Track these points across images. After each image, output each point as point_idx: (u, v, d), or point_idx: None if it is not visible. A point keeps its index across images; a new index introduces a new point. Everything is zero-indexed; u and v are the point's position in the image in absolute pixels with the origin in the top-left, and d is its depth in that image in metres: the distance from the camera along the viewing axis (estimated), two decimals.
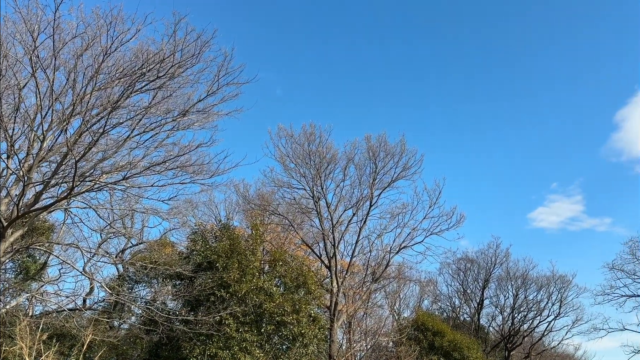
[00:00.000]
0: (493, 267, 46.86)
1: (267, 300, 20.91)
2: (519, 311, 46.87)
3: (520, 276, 46.41)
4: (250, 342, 20.27)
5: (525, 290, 46.48)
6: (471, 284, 48.33)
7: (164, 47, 16.59)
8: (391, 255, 29.47)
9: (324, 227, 27.17)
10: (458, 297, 49.50)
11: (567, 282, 45.78)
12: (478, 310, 47.24)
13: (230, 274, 20.54)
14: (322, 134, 27.51)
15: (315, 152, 27.18)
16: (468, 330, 43.77)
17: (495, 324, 49.12)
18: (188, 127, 18.61)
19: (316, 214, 27.58)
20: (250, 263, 21.37)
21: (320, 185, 27.54)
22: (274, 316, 20.97)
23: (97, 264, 24.83)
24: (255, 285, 20.95)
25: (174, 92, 17.71)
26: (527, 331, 47.52)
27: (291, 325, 21.05)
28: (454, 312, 48.79)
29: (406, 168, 28.63)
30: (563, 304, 45.69)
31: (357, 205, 28.65)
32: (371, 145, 28.64)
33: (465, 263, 48.58)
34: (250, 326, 20.70)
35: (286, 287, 22.72)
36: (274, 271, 22.70)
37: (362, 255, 31.86)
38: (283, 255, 23.51)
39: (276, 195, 28.39)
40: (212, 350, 19.86)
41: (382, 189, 28.65)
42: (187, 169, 17.97)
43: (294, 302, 21.48)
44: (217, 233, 23.46)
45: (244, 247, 22.13)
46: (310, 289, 22.84)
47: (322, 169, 27.38)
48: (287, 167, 27.19)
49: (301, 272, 23.11)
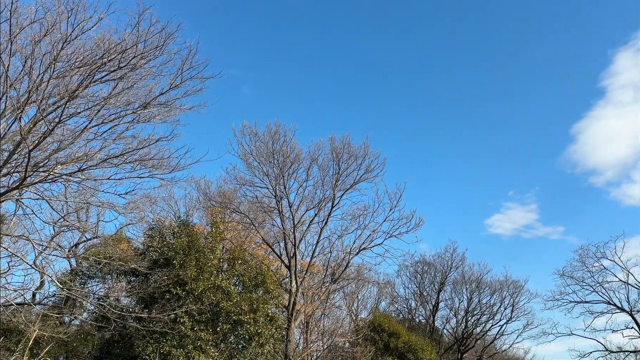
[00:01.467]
0: (449, 270, 47.90)
1: (224, 299, 20.69)
2: (473, 314, 48.04)
3: (475, 280, 47.60)
4: (205, 341, 20.02)
5: (479, 294, 47.72)
6: (428, 286, 49.25)
7: (127, 38, 16.21)
8: (351, 256, 29.66)
9: (285, 227, 27.08)
10: (415, 299, 50.35)
11: (520, 287, 47.25)
12: (433, 312, 48.14)
13: (187, 271, 20.23)
14: (286, 133, 27.43)
15: (280, 151, 27.06)
16: (423, 332, 44.56)
17: (450, 327, 50.22)
18: (149, 120, 18.23)
19: (278, 214, 27.45)
20: (209, 261, 21.10)
21: (283, 185, 27.44)
22: (230, 315, 20.77)
23: (48, 258, 24.04)
24: (212, 284, 20.71)
25: (135, 83, 17.34)
26: (480, 334, 48.76)
27: (248, 324, 20.91)
28: (410, 314, 49.57)
29: (369, 170, 28.87)
30: (515, 308, 47.11)
31: (319, 206, 28.70)
32: (335, 147, 28.75)
33: (422, 266, 49.47)
34: (206, 325, 20.45)
35: (244, 286, 22.54)
36: (232, 270, 22.49)
37: (323, 255, 31.92)
38: (242, 253, 23.32)
39: (238, 193, 28.12)
40: (165, 348, 19.52)
41: (344, 190, 28.79)
42: (145, 163, 17.58)
43: (252, 302, 21.33)
44: (175, 230, 23.06)
45: (203, 244, 21.84)
46: (269, 289, 22.74)
47: (285, 168, 27.29)
48: (250, 165, 26.97)
49: (260, 271, 22.97)
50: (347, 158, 28.72)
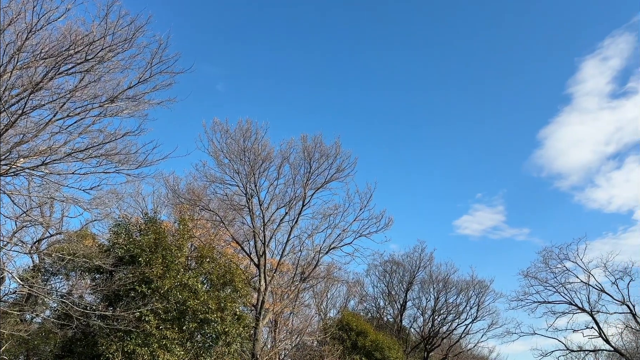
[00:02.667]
0: (417, 270, 48.54)
1: (191, 297, 20.46)
2: (439, 313, 48.78)
3: (442, 280, 48.35)
4: (170, 340, 19.76)
5: (446, 294, 48.48)
6: (396, 285, 49.80)
7: (95, 30, 15.88)
8: (321, 255, 29.77)
9: (255, 225, 26.97)
10: (383, 298, 50.85)
11: (485, 287, 48.23)
12: (401, 311, 48.71)
13: (153, 269, 19.92)
14: (258, 130, 27.32)
15: (251, 149, 26.91)
16: (391, 330, 45.02)
17: (417, 325, 50.89)
18: (116, 114, 17.88)
19: (248, 212, 27.32)
20: (176, 259, 20.82)
21: (254, 183, 27.31)
22: (197, 314, 20.55)
23: (9, 253, 23.28)
24: (179, 282, 20.45)
25: (102, 76, 16.98)
26: (446, 333, 49.55)
27: (215, 323, 20.71)
28: (379, 313, 50.01)
29: (340, 170, 29.01)
30: (480, 308, 48.07)
31: (290, 205, 28.69)
32: (307, 146, 28.77)
33: (391, 265, 49.98)
34: (171, 323, 20.18)
35: (212, 284, 22.33)
36: (200, 268, 22.25)
37: (293, 254, 31.94)
38: (211, 251, 23.10)
39: (208, 191, 27.84)
40: (129, 347, 19.19)
41: (315, 189, 28.85)
42: (112, 158, 17.23)
43: (220, 300, 21.15)
44: (142, 226, 22.67)
45: (170, 242, 21.53)
46: (237, 287, 22.59)
47: (256, 166, 27.15)
48: (220, 162, 26.76)
49: (229, 269, 22.80)
50: (318, 157, 28.80)
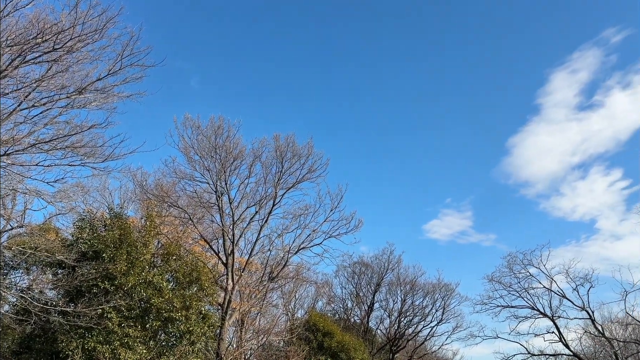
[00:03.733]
0: (385, 272, 48.93)
1: (155, 295, 20.10)
2: (406, 315, 49.27)
3: (409, 282, 48.86)
4: (133, 338, 19.38)
5: (413, 296, 49.01)
6: (364, 287, 50.07)
7: (64, 19, 15.48)
8: (290, 255, 29.65)
9: (224, 224, 26.69)
10: (351, 299, 51.04)
11: (451, 290, 48.94)
12: (368, 313, 49.00)
13: (117, 265, 19.49)
14: (230, 128, 27.02)
15: (222, 147, 26.61)
16: (357, 332, 45.22)
17: (383, 327, 51.26)
18: (84, 106, 17.47)
19: (217, 210, 27.02)
20: (141, 255, 20.43)
21: (225, 181, 27.02)
22: (161, 312, 20.21)
23: None
24: (143, 279, 20.07)
25: (70, 67, 16.56)
26: (412, 335, 50.09)
27: (179, 322, 20.42)
28: (346, 314, 50.19)
29: (312, 170, 28.94)
30: (446, 310, 48.72)
31: (260, 204, 28.48)
32: (279, 145, 28.62)
33: (360, 267, 50.24)
34: (134, 321, 19.79)
35: (178, 282, 22.00)
36: (166, 265, 21.89)
37: (262, 254, 31.76)
38: (178, 249, 22.75)
39: (177, 187, 27.44)
40: (90, 344, 18.74)
41: (286, 189, 28.72)
42: (77, 150, 16.82)
43: (185, 298, 20.85)
44: (107, 222, 22.19)
45: (136, 238, 21.13)
46: (204, 286, 22.30)
47: (227, 164, 26.87)
48: (191, 158, 26.35)
49: (195, 267, 22.49)
50: (290, 157, 28.68)
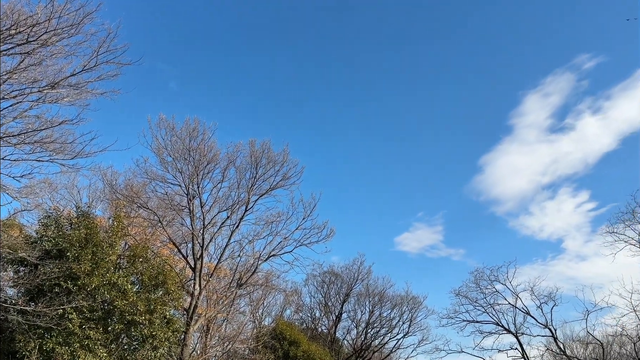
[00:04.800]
0: (355, 282, 48.96)
1: (119, 297, 19.67)
2: (373, 327, 49.32)
3: (378, 293, 49.00)
4: (94, 340, 18.90)
5: (381, 307, 49.11)
6: (333, 297, 49.99)
7: (40, 11, 15.21)
8: (260, 262, 29.40)
9: (194, 227, 26.35)
10: (319, 308, 50.89)
11: (419, 303, 49.22)
12: (336, 323, 48.89)
13: (81, 265, 19.03)
14: (205, 131, 26.77)
15: (196, 149, 26.34)
16: (324, 341, 45.09)
17: (350, 338, 51.17)
18: (56, 101, 17.13)
19: (188, 213, 26.67)
20: (106, 256, 19.99)
21: (197, 184, 26.71)
22: (124, 315, 19.77)
23: None
24: (108, 280, 19.62)
25: (44, 60, 16.25)
26: (378, 347, 50.12)
27: (142, 325, 20.00)
28: (314, 324, 50.00)
29: (286, 178, 28.84)
30: (412, 323, 48.88)
31: (233, 209, 28.21)
32: (255, 151, 28.47)
33: (330, 276, 50.20)
34: (96, 323, 19.32)
35: (143, 285, 21.57)
36: (132, 267, 21.46)
37: (231, 259, 31.42)
38: (145, 251, 22.34)
39: (147, 188, 26.95)
40: (49, 345, 18.22)
41: (259, 195, 28.53)
42: (47, 146, 16.47)
43: (149, 302, 20.45)
44: (74, 220, 21.67)
45: (102, 238, 20.68)
46: (170, 290, 21.92)
47: (201, 167, 26.60)
48: (163, 160, 25.97)
49: (162, 271, 22.10)
50: (265, 163, 28.55)
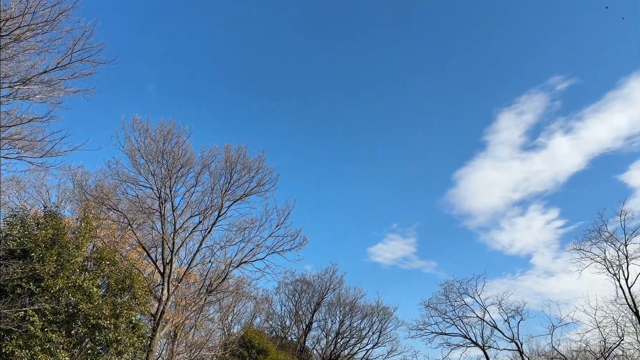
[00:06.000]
0: (326, 291, 49.01)
1: (84, 300, 19.21)
2: (343, 337, 49.32)
3: (349, 303, 49.10)
4: (56, 344, 18.39)
5: (351, 317, 49.22)
6: (304, 305, 49.86)
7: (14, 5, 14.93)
8: (231, 268, 29.11)
9: (165, 231, 25.98)
10: (290, 317, 50.65)
11: (389, 314, 49.53)
12: (306, 332, 48.71)
13: (45, 266, 18.55)
14: (180, 134, 26.50)
15: (170, 152, 26.03)
16: (294, 350, 44.84)
17: (319, 347, 51.00)
18: (27, 97, 16.77)
19: (159, 216, 26.30)
20: (72, 258, 19.53)
21: (170, 187, 26.38)
22: (89, 318, 19.31)
23: None
24: (73, 283, 19.16)
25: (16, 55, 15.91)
26: (347, 356, 50.08)
27: (107, 330, 19.56)
28: (283, 332, 49.71)
29: (260, 184, 28.73)
30: (382, 334, 49.16)
31: (205, 214, 27.93)
32: (230, 156, 28.32)
33: (302, 285, 50.09)
34: (59, 326, 18.81)
35: (109, 288, 21.14)
36: (98, 270, 21.01)
37: (202, 265, 31.04)
38: (112, 254, 21.90)
39: (118, 190, 26.47)
40: (8, 348, 17.64)
41: (233, 200, 28.34)
42: (15, 143, 16.09)
43: (115, 306, 20.04)
44: (40, 220, 21.14)
45: (69, 239, 20.21)
46: (137, 294, 21.52)
47: (174, 170, 26.29)
48: (136, 162, 25.57)
49: (129, 275, 21.70)
50: (240, 169, 28.41)
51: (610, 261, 33.21)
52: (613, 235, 33.33)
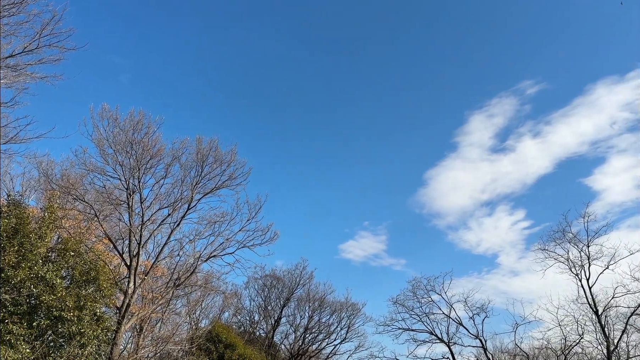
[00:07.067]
0: (296, 287, 49.06)
1: (46, 292, 18.72)
2: (311, 332, 49.47)
3: (319, 299, 49.26)
4: (16, 336, 17.86)
5: (320, 313, 49.37)
6: (273, 300, 49.80)
7: None
8: (200, 262, 28.84)
9: (132, 223, 25.54)
10: (259, 312, 50.54)
11: (357, 310, 49.87)
12: (274, 327, 48.68)
13: (6, 256, 18.00)
14: (150, 124, 26.05)
15: (139, 142, 25.57)
16: (262, 345, 44.72)
17: (288, 342, 51.06)
18: None
19: (127, 208, 25.85)
20: (35, 248, 18.99)
21: (138, 178, 25.94)
22: (51, 310, 18.84)
23: None
24: (35, 274, 18.65)
25: None
26: (315, 352, 50.29)
27: (70, 322, 19.12)
28: (252, 327, 49.57)
29: (232, 178, 28.53)
30: (350, 329, 49.48)
31: (175, 206, 27.56)
32: (201, 148, 28.01)
33: (272, 280, 50.00)
34: (20, 318, 18.28)
35: (74, 280, 20.67)
36: (62, 261, 20.51)
37: (170, 258, 30.65)
38: (77, 245, 21.41)
39: (85, 180, 25.92)
40: None
41: (204, 193, 28.06)
42: None
43: (79, 298, 19.61)
44: (4, 209, 20.49)
45: (32, 229, 19.65)
46: (102, 286, 21.09)
47: (143, 161, 25.85)
48: (103, 151, 25.04)
49: (94, 266, 21.25)
50: (212, 161, 28.15)
51: (572, 261, 34.29)
52: (576, 236, 34.42)
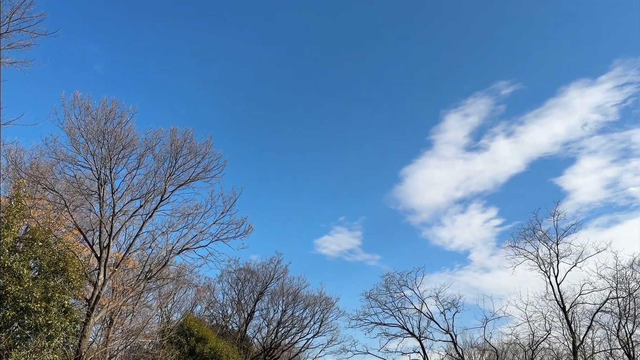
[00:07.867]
0: (270, 281, 48.97)
1: (13, 283, 18.30)
2: (284, 326, 49.51)
3: (293, 293, 49.29)
4: None
5: (294, 307, 49.44)
6: (247, 294, 49.63)
7: None
8: (172, 255, 28.52)
9: (103, 214, 25.09)
10: (232, 306, 50.29)
11: (331, 304, 50.09)
12: (247, 320, 48.56)
13: None
14: (123, 114, 25.60)
15: (112, 132, 25.07)
16: (234, 339, 44.58)
17: (260, 336, 51.03)
18: None
19: (98, 199, 25.36)
20: (1, 238, 18.54)
21: (110, 168, 25.46)
22: (18, 301, 18.43)
23: None
24: (1, 264, 18.21)
25: None
26: (288, 345, 50.39)
27: (37, 313, 18.74)
28: (224, 321, 49.33)
29: (207, 170, 28.27)
30: (323, 323, 49.68)
31: (147, 197, 27.17)
32: (175, 139, 27.65)
33: (245, 273, 49.79)
34: None
35: (41, 271, 20.24)
36: (29, 251, 20.05)
37: (142, 250, 30.22)
38: (46, 235, 20.94)
39: (55, 170, 25.35)
40: None
41: (177, 185, 27.75)
42: None
43: (47, 289, 19.22)
44: None
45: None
46: (70, 277, 20.71)
47: (115, 151, 25.37)
48: (75, 140, 24.49)
49: (63, 257, 20.84)
50: (186, 153, 27.84)
51: (542, 259, 35.08)
52: (546, 234, 35.23)
